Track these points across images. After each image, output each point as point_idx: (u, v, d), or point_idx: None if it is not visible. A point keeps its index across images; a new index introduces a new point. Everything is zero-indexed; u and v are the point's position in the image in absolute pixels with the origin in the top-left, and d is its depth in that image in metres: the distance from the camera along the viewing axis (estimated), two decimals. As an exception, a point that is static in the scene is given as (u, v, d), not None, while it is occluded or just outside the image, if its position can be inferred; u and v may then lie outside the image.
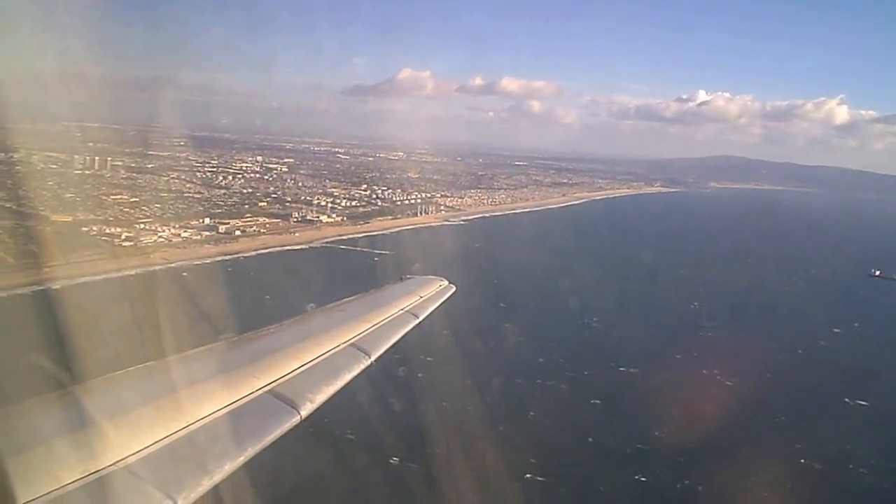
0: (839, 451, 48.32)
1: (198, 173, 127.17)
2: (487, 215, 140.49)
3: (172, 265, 75.73)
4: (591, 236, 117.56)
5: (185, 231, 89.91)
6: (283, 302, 63.40)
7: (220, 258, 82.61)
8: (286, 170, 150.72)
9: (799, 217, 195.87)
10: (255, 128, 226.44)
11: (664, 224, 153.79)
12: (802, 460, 46.93)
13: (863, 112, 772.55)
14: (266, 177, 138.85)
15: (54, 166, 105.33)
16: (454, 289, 12.00)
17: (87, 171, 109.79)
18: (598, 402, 54.12)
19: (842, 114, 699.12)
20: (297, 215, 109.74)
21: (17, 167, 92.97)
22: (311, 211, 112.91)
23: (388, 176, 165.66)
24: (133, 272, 70.43)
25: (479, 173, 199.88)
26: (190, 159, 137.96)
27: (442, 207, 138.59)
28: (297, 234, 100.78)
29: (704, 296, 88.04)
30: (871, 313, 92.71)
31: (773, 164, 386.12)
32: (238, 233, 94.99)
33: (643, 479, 42.89)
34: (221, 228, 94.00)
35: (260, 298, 63.39)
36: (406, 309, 10.11)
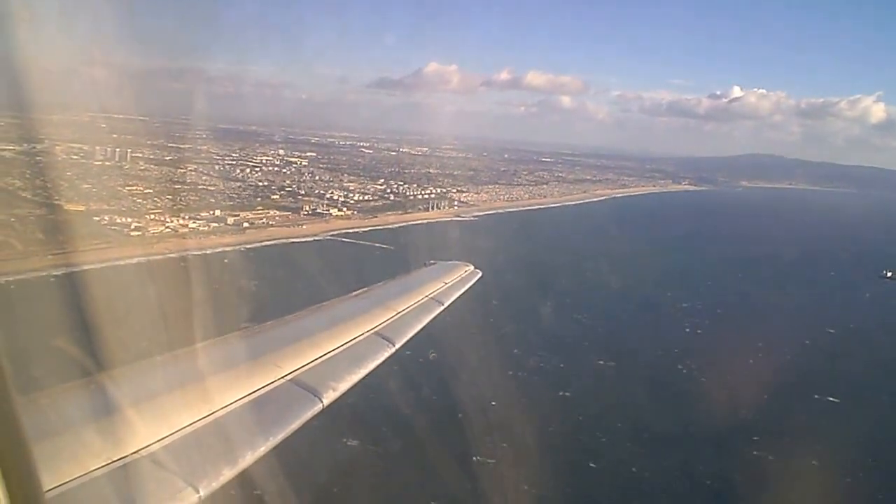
0: (797, 444, 48.37)
1: (216, 166, 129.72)
2: (501, 211, 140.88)
3: (173, 255, 78.15)
4: (596, 234, 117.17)
5: (194, 222, 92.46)
6: (272, 289, 65.72)
7: (222, 249, 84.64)
8: (306, 163, 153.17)
9: (823, 217, 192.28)
10: (282, 120, 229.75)
11: (677, 223, 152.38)
12: (755, 452, 47.49)
13: None
14: (284, 170, 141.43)
15: (76, 157, 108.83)
16: (480, 274, 11.76)
17: (107, 163, 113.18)
18: (567, 393, 55.26)
19: (878, 112, 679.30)
20: (307, 208, 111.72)
21: (38, 157, 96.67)
22: (322, 204, 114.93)
23: (408, 171, 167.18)
24: (134, 261, 73.12)
25: (502, 169, 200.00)
26: (211, 152, 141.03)
27: (456, 203, 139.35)
28: (304, 227, 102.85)
29: (699, 296, 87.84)
30: (871, 314, 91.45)
31: (810, 163, 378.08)
32: (246, 225, 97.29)
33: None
34: (230, 220, 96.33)
35: (250, 287, 65.63)
36: (430, 295, 9.98)
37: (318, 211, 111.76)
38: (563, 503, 40.28)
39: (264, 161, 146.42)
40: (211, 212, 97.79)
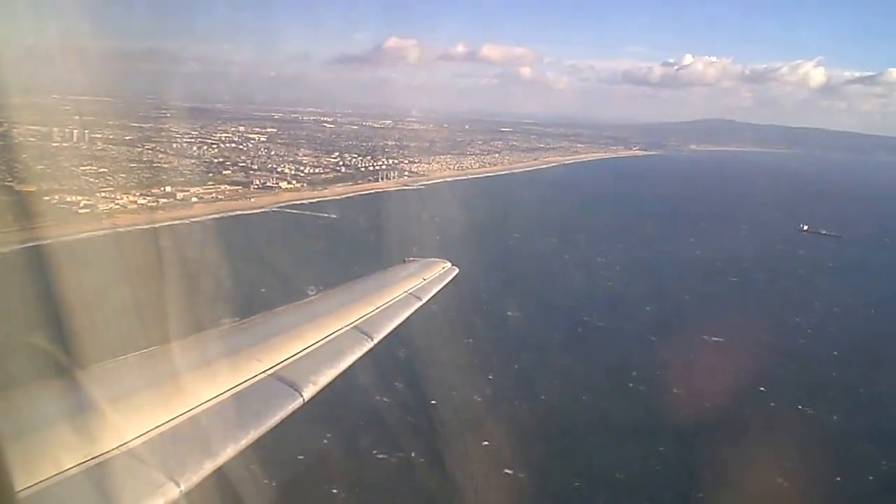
0: (665, 378, 51.59)
1: (174, 144, 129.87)
2: (449, 180, 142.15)
3: (118, 230, 79.46)
4: (527, 199, 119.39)
5: (143, 199, 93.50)
6: (208, 258, 67.50)
7: (168, 223, 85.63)
8: (264, 139, 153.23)
9: (759, 177, 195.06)
10: (248, 98, 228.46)
11: (613, 186, 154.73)
12: (631, 384, 50.58)
13: (846, 73, 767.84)
14: (241, 146, 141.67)
15: (33, 139, 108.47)
16: (457, 271, 11.76)
17: (64, 144, 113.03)
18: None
19: (818, 76, 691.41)
20: (257, 182, 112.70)
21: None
22: (273, 178, 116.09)
23: (365, 144, 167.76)
24: (80, 236, 74.37)
25: (458, 139, 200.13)
26: (172, 130, 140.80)
27: (405, 173, 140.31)
28: (252, 200, 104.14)
29: (616, 252, 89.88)
30: (775, 263, 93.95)
31: (760, 126, 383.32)
32: (195, 199, 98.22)
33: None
34: (179, 196, 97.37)
35: (184, 257, 67.39)
36: (409, 291, 10.01)
37: (268, 184, 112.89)
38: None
39: (223, 138, 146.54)
40: (162, 188, 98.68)
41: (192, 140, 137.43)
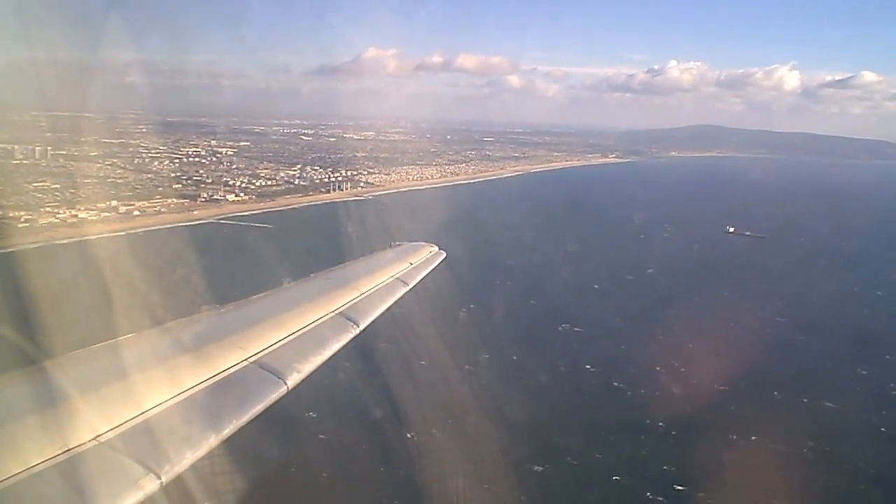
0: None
1: (137, 159, 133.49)
2: (403, 190, 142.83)
3: (57, 242, 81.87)
4: (466, 207, 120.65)
5: (87, 212, 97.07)
6: (124, 267, 70.44)
7: (103, 235, 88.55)
8: (232, 153, 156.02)
9: (717, 182, 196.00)
10: (233, 111, 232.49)
11: (565, 192, 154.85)
12: (519, 377, 52.13)
13: (826, 76, 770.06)
14: (205, 160, 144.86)
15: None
16: (444, 255, 11.51)
17: (24, 161, 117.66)
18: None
19: (793, 80, 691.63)
20: (205, 195, 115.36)
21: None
22: (221, 191, 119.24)
23: (333, 155, 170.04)
24: (7, 250, 77.91)
25: (430, 150, 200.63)
26: (141, 146, 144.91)
27: (361, 184, 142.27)
28: (195, 213, 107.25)
29: (524, 256, 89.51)
30: (687, 262, 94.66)
31: (747, 131, 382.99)
32: (137, 213, 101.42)
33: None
34: (122, 209, 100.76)
35: (96, 269, 70.63)
36: (395, 276, 9.75)
37: (216, 197, 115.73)
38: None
39: (190, 152, 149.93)
40: (107, 202, 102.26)
41: (157, 155, 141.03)
